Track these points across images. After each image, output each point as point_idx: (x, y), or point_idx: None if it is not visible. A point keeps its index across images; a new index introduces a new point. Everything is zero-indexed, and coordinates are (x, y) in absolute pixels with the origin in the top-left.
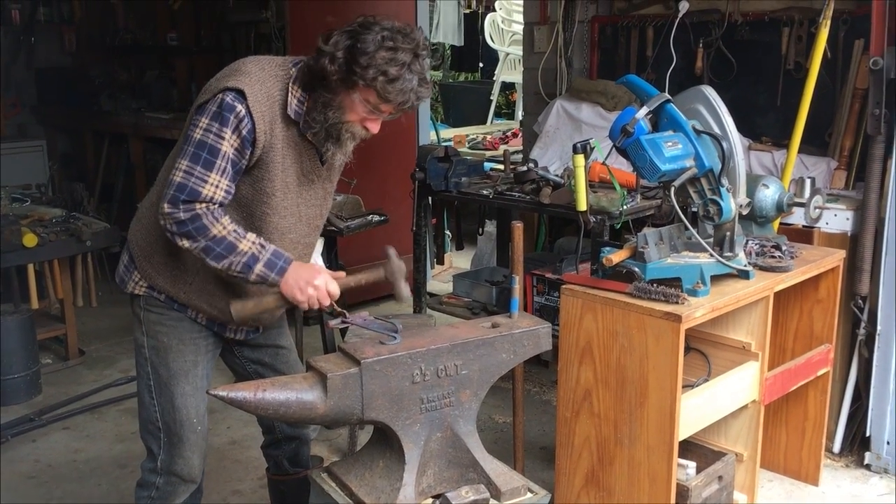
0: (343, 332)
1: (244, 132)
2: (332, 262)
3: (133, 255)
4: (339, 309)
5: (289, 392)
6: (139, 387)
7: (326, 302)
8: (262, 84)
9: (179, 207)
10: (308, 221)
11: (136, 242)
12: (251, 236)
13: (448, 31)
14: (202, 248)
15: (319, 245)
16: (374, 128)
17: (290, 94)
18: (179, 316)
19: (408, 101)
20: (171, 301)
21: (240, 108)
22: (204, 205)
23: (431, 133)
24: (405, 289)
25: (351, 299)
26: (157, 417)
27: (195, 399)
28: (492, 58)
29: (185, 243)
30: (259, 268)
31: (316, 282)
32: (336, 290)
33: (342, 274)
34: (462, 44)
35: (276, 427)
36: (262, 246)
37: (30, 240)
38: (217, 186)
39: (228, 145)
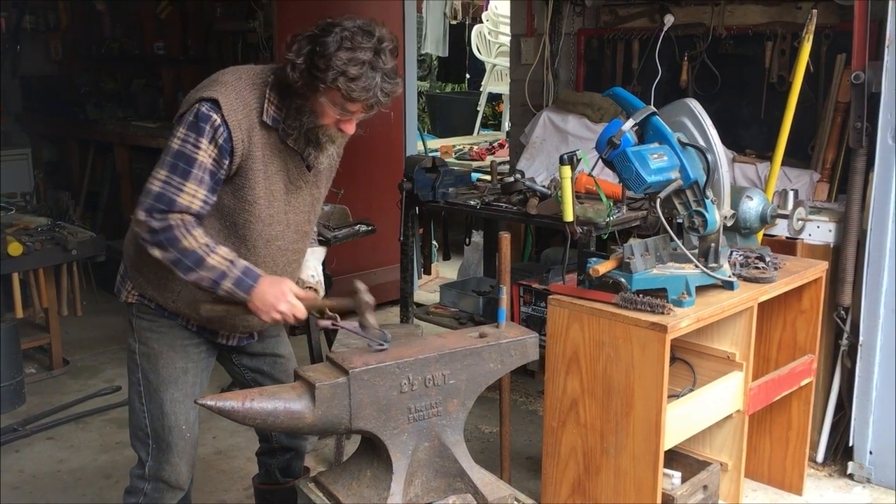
0: (330, 342)
1: (221, 141)
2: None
3: (126, 265)
4: (329, 312)
5: (277, 401)
6: (130, 393)
7: (291, 322)
8: (237, 93)
9: (154, 216)
10: (296, 228)
11: (127, 252)
12: (222, 251)
13: (433, 43)
14: (173, 260)
15: (321, 254)
16: (349, 129)
17: (267, 100)
18: (170, 323)
19: (373, 99)
20: (162, 309)
21: (215, 117)
22: (179, 215)
23: (418, 143)
24: (372, 319)
25: (343, 305)
26: (146, 424)
27: (185, 406)
28: (478, 68)
29: (157, 253)
30: (227, 285)
31: (280, 308)
32: (302, 314)
33: (312, 294)
34: (446, 55)
35: (272, 436)
36: (232, 262)
37: (15, 248)
38: (194, 196)
39: (205, 155)
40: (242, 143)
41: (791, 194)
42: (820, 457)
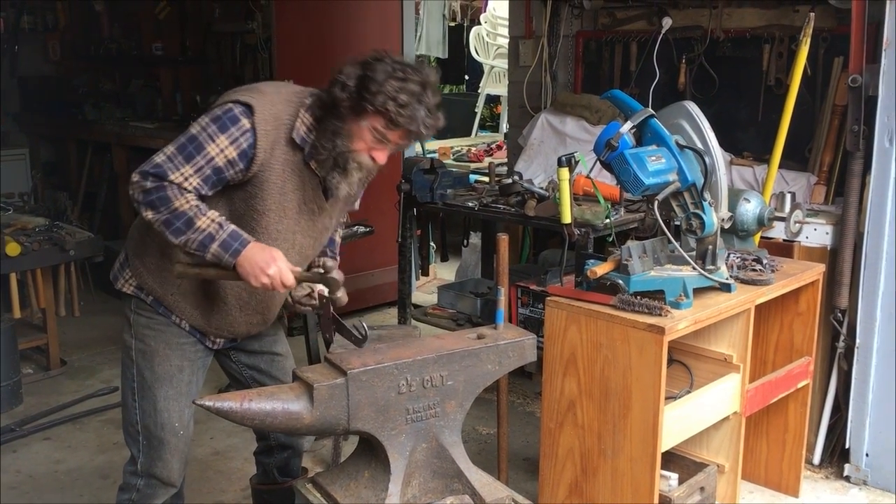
0: (328, 342)
1: (245, 145)
2: None
3: (128, 253)
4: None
5: (275, 402)
6: (123, 389)
7: (281, 290)
8: (272, 105)
9: (148, 180)
10: (300, 250)
11: (132, 239)
12: (212, 214)
13: (431, 45)
14: (163, 221)
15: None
16: (381, 158)
17: (299, 119)
18: (166, 321)
19: (415, 128)
20: (158, 304)
21: (245, 121)
22: (170, 183)
23: (416, 145)
24: (341, 293)
25: (341, 309)
26: (138, 420)
27: (178, 403)
28: (477, 70)
29: (149, 214)
30: (214, 248)
31: (270, 271)
32: (291, 281)
33: (298, 269)
34: (446, 56)
35: (270, 435)
36: (220, 225)
37: (13, 249)
38: (186, 179)
39: (216, 150)
40: (264, 153)
41: (788, 197)
42: (816, 459)
